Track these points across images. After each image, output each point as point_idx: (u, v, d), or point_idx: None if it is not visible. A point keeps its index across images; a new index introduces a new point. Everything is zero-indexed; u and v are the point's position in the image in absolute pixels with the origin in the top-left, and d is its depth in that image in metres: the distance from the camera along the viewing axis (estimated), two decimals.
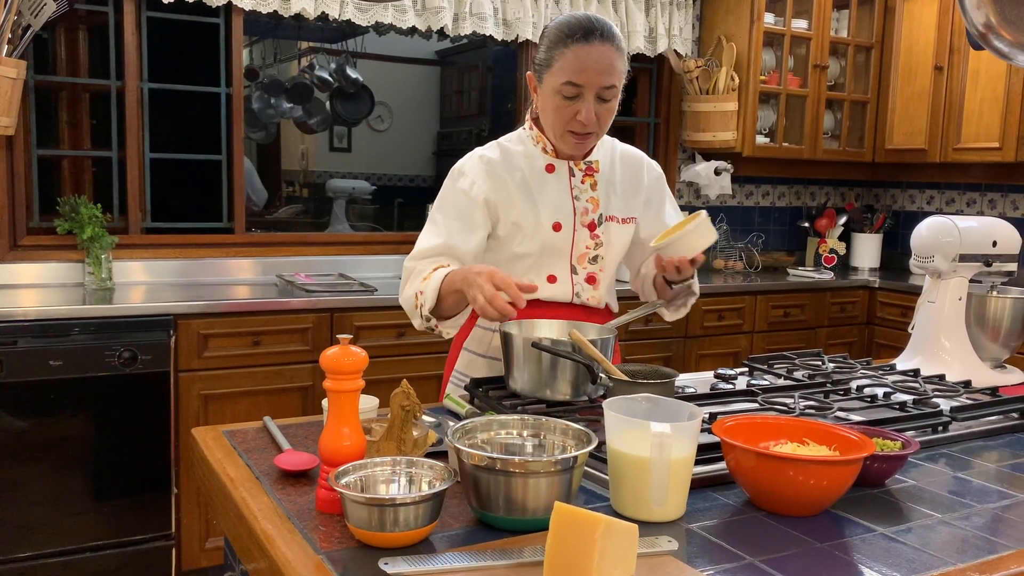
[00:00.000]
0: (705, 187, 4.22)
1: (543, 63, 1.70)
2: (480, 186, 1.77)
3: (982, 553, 1.07)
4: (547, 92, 1.70)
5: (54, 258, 3.14)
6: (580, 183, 1.82)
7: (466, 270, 1.59)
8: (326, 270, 3.55)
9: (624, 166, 1.89)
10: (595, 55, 1.64)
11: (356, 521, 1.03)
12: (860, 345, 4.15)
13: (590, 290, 1.83)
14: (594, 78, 1.65)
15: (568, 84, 1.65)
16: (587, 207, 1.81)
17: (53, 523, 2.63)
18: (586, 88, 1.66)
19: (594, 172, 1.83)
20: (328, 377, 1.13)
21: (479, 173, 1.79)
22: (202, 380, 2.83)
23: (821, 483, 1.14)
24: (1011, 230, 2.04)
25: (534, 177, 1.80)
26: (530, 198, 1.78)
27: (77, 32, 3.57)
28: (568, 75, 1.65)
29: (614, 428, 1.15)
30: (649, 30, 4.02)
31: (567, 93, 1.66)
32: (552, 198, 1.79)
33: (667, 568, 0.99)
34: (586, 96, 1.66)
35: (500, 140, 1.86)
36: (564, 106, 1.68)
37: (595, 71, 1.64)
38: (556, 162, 1.81)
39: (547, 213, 1.78)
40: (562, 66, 1.65)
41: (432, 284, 1.65)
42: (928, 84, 4.09)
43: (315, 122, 5.44)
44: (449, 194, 1.80)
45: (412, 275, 1.74)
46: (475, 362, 1.86)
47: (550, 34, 1.70)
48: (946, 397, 1.74)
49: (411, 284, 1.73)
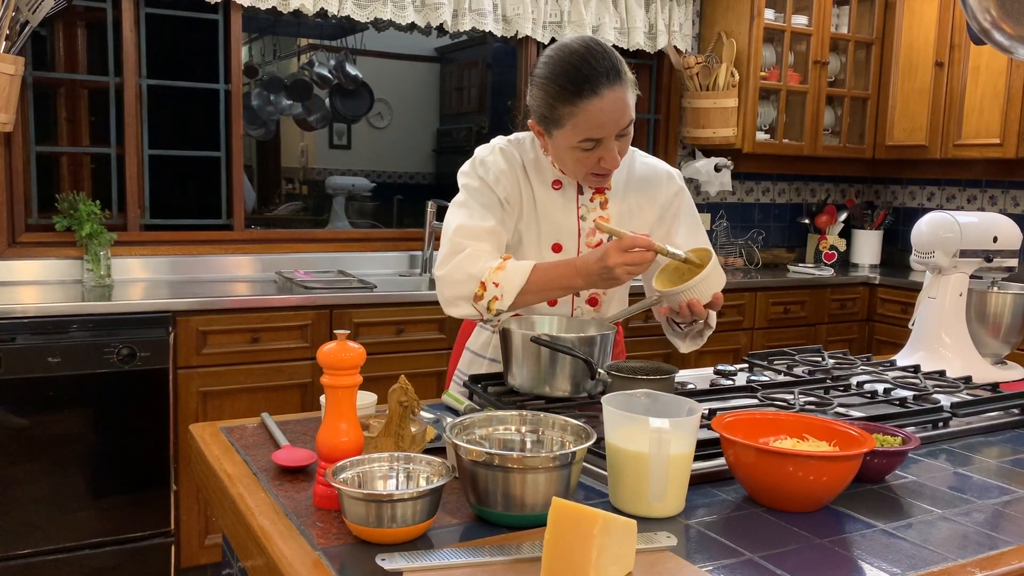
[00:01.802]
0: (705, 183, 4.22)
1: (549, 119, 1.59)
2: (503, 184, 1.69)
3: (983, 549, 1.07)
4: (561, 147, 1.61)
5: (53, 255, 3.14)
6: (589, 201, 1.73)
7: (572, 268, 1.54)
8: (325, 267, 3.55)
9: (642, 180, 1.78)
10: (609, 106, 1.53)
11: (354, 517, 1.02)
12: (860, 342, 4.15)
13: (591, 312, 1.78)
14: (612, 128, 1.56)
15: (586, 140, 1.56)
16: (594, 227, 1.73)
17: (52, 520, 2.63)
18: (607, 137, 1.57)
19: (605, 189, 1.74)
20: (326, 373, 1.13)
21: (502, 168, 1.69)
22: (201, 377, 2.83)
23: (821, 479, 1.14)
24: (1012, 226, 2.03)
25: (540, 189, 1.72)
26: (534, 212, 1.72)
27: (75, 28, 3.56)
28: (585, 133, 1.55)
29: (613, 424, 1.15)
30: (649, 26, 4.02)
31: (586, 147, 1.57)
32: (554, 217, 1.72)
33: (666, 564, 0.99)
34: (607, 143, 1.58)
35: (514, 138, 1.76)
36: (584, 157, 1.59)
37: (612, 121, 1.55)
38: (564, 179, 1.73)
39: (547, 233, 1.72)
40: (575, 124, 1.55)
41: (514, 279, 1.56)
42: (929, 80, 4.09)
43: (314, 119, 5.43)
44: (478, 179, 1.70)
45: (467, 255, 1.60)
46: (477, 362, 1.85)
47: (548, 87, 1.56)
48: (946, 393, 1.73)
49: (469, 265, 1.59)
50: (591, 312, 1.79)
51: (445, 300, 1.64)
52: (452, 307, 1.64)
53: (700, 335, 1.79)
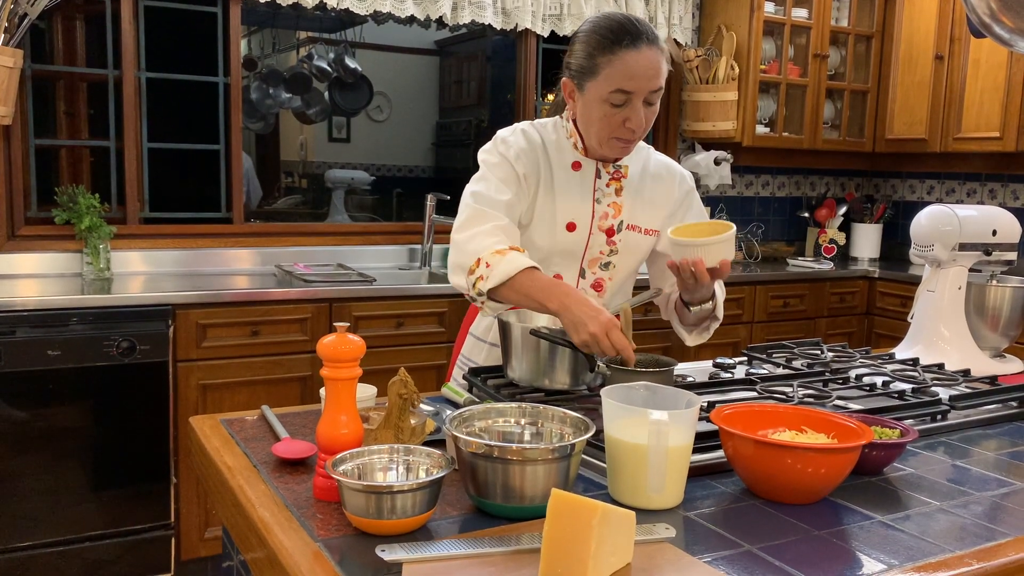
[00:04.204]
0: (705, 177, 4.21)
1: (585, 70, 1.63)
2: (523, 161, 1.71)
3: (980, 541, 1.07)
4: (592, 100, 1.63)
5: (52, 248, 3.14)
6: (605, 186, 1.76)
7: (561, 290, 1.50)
8: (325, 260, 3.55)
9: (655, 176, 1.82)
10: (645, 61, 1.58)
11: (353, 509, 1.03)
12: (860, 335, 4.15)
13: (593, 296, 1.79)
14: (644, 84, 1.59)
15: (618, 92, 1.59)
16: (607, 211, 1.76)
17: (52, 513, 2.64)
18: (636, 95, 1.60)
19: (621, 177, 1.77)
20: (325, 365, 1.13)
21: (522, 146, 1.73)
22: (201, 370, 2.83)
23: (819, 471, 1.14)
24: (1011, 219, 2.03)
25: (559, 170, 1.74)
26: (551, 191, 1.74)
27: (74, 21, 3.55)
28: (618, 83, 1.59)
29: (612, 416, 1.15)
30: (648, 19, 4.00)
31: (616, 101, 1.60)
32: (571, 197, 1.74)
33: (665, 555, 0.99)
34: (635, 102, 1.61)
35: (536, 123, 1.80)
36: (612, 114, 1.62)
37: (645, 77, 1.59)
38: (584, 160, 1.75)
39: (563, 211, 1.74)
40: (610, 74, 1.59)
41: (504, 269, 1.54)
42: (928, 73, 4.08)
43: (314, 112, 5.42)
44: (499, 160, 1.72)
45: (482, 230, 1.62)
46: (478, 347, 1.87)
47: (589, 38, 1.62)
48: (945, 386, 1.74)
49: (479, 240, 1.61)
50: (594, 297, 1.79)
51: (451, 264, 1.66)
52: (452, 273, 1.65)
53: (707, 328, 1.81)
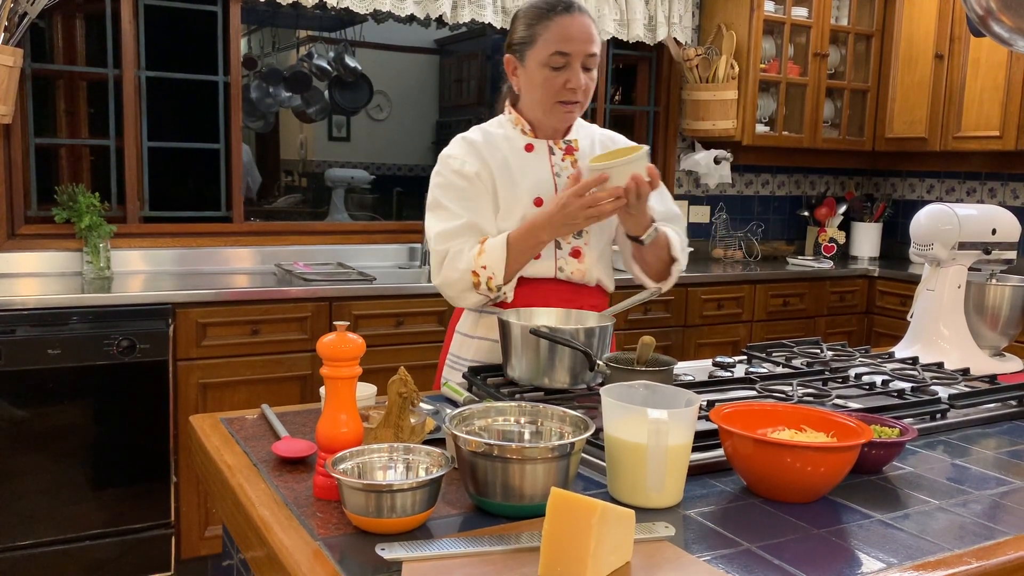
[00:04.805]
0: (705, 176, 4.21)
1: (525, 41, 1.77)
2: (468, 163, 1.81)
3: (980, 539, 1.07)
4: (533, 68, 1.76)
5: (52, 247, 3.14)
6: (560, 160, 1.84)
7: (537, 223, 1.70)
8: (325, 259, 3.55)
9: (603, 144, 1.90)
10: (578, 25, 1.73)
11: (353, 507, 1.03)
12: (859, 334, 4.15)
13: (574, 263, 1.83)
14: (580, 46, 1.73)
15: (557, 54, 1.72)
16: (568, 182, 1.82)
17: (53, 511, 2.64)
18: (573, 56, 1.73)
19: (574, 151, 1.86)
20: (325, 364, 1.13)
21: (465, 152, 1.83)
22: (201, 369, 2.83)
23: (818, 469, 1.14)
24: (1010, 218, 2.03)
25: (515, 157, 1.83)
26: (511, 177, 1.81)
27: (74, 20, 3.55)
28: (556, 45, 1.72)
29: (611, 415, 1.15)
30: (649, 18, 4.01)
31: (555, 64, 1.73)
32: (533, 175, 1.82)
33: (664, 554, 0.99)
34: (573, 64, 1.74)
35: (481, 125, 1.90)
36: (552, 77, 1.74)
37: (580, 40, 1.73)
38: (535, 141, 1.84)
39: (528, 189, 1.81)
40: (547, 39, 1.73)
41: (495, 255, 1.71)
42: (928, 72, 4.08)
43: (314, 111, 5.42)
44: (446, 178, 1.82)
45: (450, 257, 1.76)
46: (466, 343, 1.90)
47: (527, 14, 1.78)
48: (944, 385, 1.73)
49: (457, 263, 1.74)
50: (575, 264, 1.82)
51: (453, 299, 1.82)
52: (462, 301, 1.82)
53: (670, 274, 1.85)
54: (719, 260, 4.26)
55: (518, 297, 1.79)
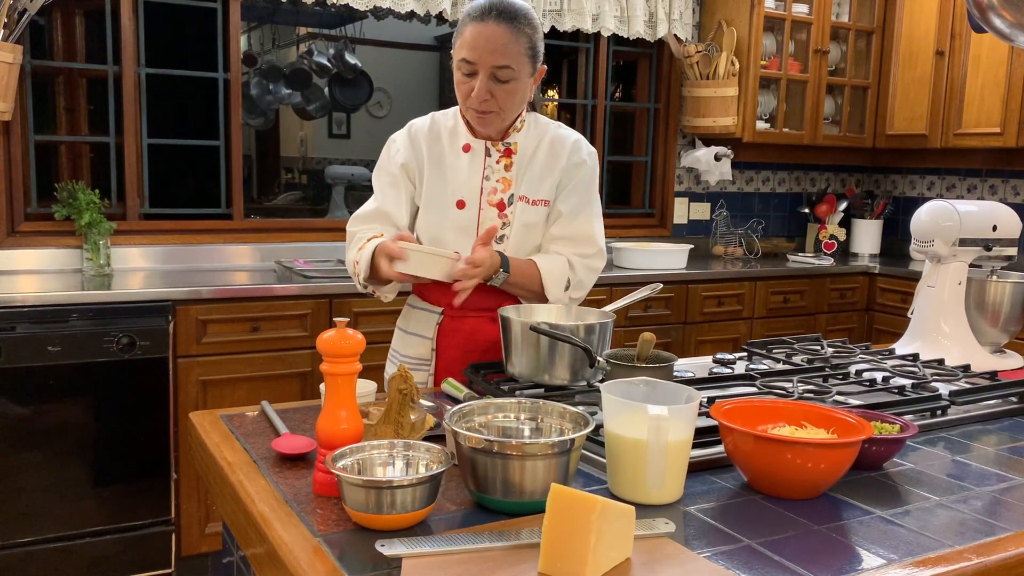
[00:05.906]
0: (705, 173, 4.21)
1: (454, 41, 1.77)
2: (402, 153, 1.84)
3: (980, 536, 1.07)
4: (454, 70, 1.77)
5: (52, 244, 3.14)
6: (495, 163, 1.84)
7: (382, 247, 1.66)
8: (325, 256, 3.54)
9: (551, 149, 1.85)
10: (486, 34, 1.68)
11: (353, 504, 1.03)
12: (860, 331, 4.15)
13: None
14: (485, 57, 1.69)
15: (463, 61, 1.72)
16: (496, 187, 1.83)
17: (53, 509, 2.64)
18: (478, 66, 1.70)
19: (512, 154, 1.84)
20: (325, 360, 1.13)
21: (403, 140, 1.86)
22: (201, 366, 2.83)
23: (819, 466, 1.14)
24: (1011, 214, 2.03)
25: (451, 153, 1.84)
26: (441, 174, 1.83)
27: (74, 17, 3.55)
28: (462, 52, 1.72)
29: (612, 411, 1.15)
30: (649, 15, 4.00)
31: (464, 70, 1.72)
32: (461, 176, 1.82)
33: (664, 550, 0.99)
34: (479, 74, 1.70)
35: (437, 112, 1.91)
36: (463, 82, 1.74)
37: (485, 50, 1.68)
38: (474, 142, 1.84)
39: (452, 190, 1.82)
40: (460, 44, 1.73)
41: (365, 255, 1.71)
42: (929, 69, 4.07)
43: (314, 108, 5.41)
44: (383, 161, 1.89)
45: (352, 241, 1.82)
46: (403, 338, 1.93)
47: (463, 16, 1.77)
48: (945, 381, 1.73)
49: (351, 250, 1.81)
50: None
51: None
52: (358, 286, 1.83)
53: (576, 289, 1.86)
54: (720, 257, 4.26)
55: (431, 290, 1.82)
